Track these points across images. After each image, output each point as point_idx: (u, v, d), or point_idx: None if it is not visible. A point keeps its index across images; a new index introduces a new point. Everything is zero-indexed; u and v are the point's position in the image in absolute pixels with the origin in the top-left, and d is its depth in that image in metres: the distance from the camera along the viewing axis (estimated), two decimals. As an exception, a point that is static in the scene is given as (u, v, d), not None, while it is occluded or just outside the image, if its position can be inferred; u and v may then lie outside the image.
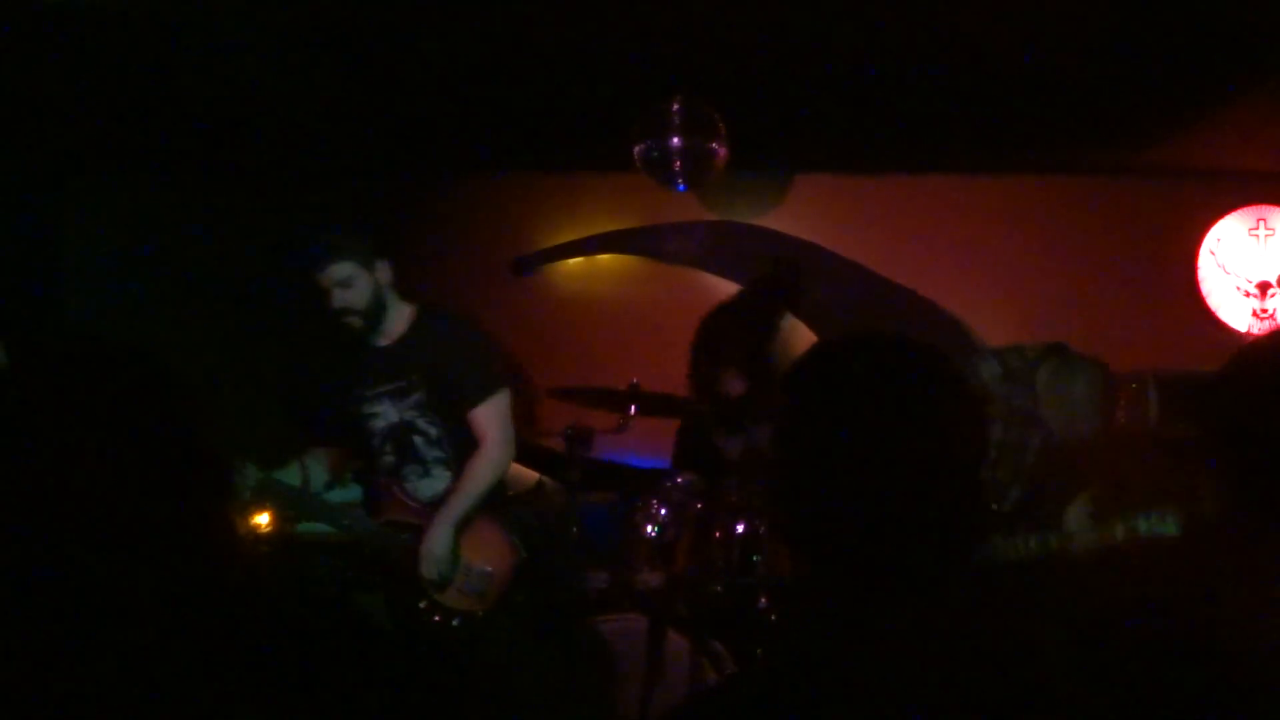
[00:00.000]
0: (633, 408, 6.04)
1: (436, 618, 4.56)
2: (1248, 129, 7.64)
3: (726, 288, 8.71)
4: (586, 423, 6.43)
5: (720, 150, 7.03)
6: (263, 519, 6.77)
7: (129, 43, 6.03)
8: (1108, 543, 4.73)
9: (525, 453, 5.18)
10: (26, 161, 7.98)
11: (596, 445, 6.48)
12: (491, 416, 4.70)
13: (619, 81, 6.75)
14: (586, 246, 8.76)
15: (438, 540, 4.57)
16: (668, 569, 5.53)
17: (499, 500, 4.85)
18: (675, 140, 6.97)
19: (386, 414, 4.68)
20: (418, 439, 4.67)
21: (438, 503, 4.66)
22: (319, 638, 1.73)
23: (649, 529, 5.61)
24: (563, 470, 6.15)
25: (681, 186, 7.28)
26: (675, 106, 6.92)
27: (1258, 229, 8.88)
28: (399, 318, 4.71)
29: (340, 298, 4.58)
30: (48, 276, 8.39)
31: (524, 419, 6.01)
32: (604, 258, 8.81)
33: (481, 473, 4.65)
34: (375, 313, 4.63)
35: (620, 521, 6.02)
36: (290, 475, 4.79)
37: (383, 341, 4.70)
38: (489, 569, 4.61)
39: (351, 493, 5.09)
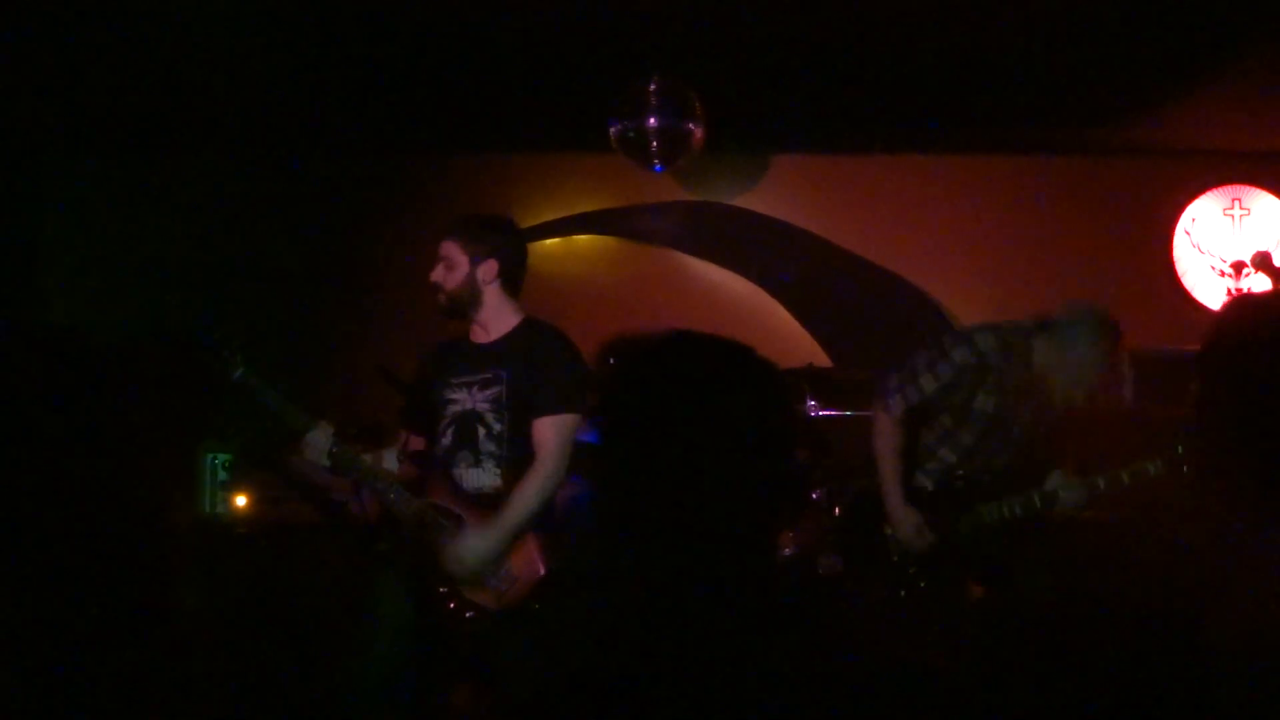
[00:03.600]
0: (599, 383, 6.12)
1: (452, 605, 4.67)
2: (1223, 108, 7.80)
3: (704, 269, 8.86)
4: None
5: (697, 131, 7.16)
6: (240, 501, 6.93)
7: (105, 21, 6.15)
8: (1093, 493, 4.93)
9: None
10: (3, 142, 8.09)
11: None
12: (551, 432, 4.70)
13: (595, 62, 6.86)
14: (563, 227, 8.88)
15: (474, 548, 4.63)
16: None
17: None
18: (652, 121, 7.11)
19: (463, 401, 4.78)
20: (481, 429, 4.73)
21: (483, 495, 4.74)
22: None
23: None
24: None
25: (658, 167, 7.41)
26: (652, 87, 7.06)
27: (1233, 209, 9.03)
28: (502, 320, 4.82)
29: (437, 272, 4.77)
30: (27, 257, 8.54)
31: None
32: (580, 238, 8.95)
33: (531, 490, 4.66)
34: (463, 300, 4.78)
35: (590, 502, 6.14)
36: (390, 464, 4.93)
37: (483, 339, 4.83)
38: (515, 573, 4.69)
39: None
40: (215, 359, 4.79)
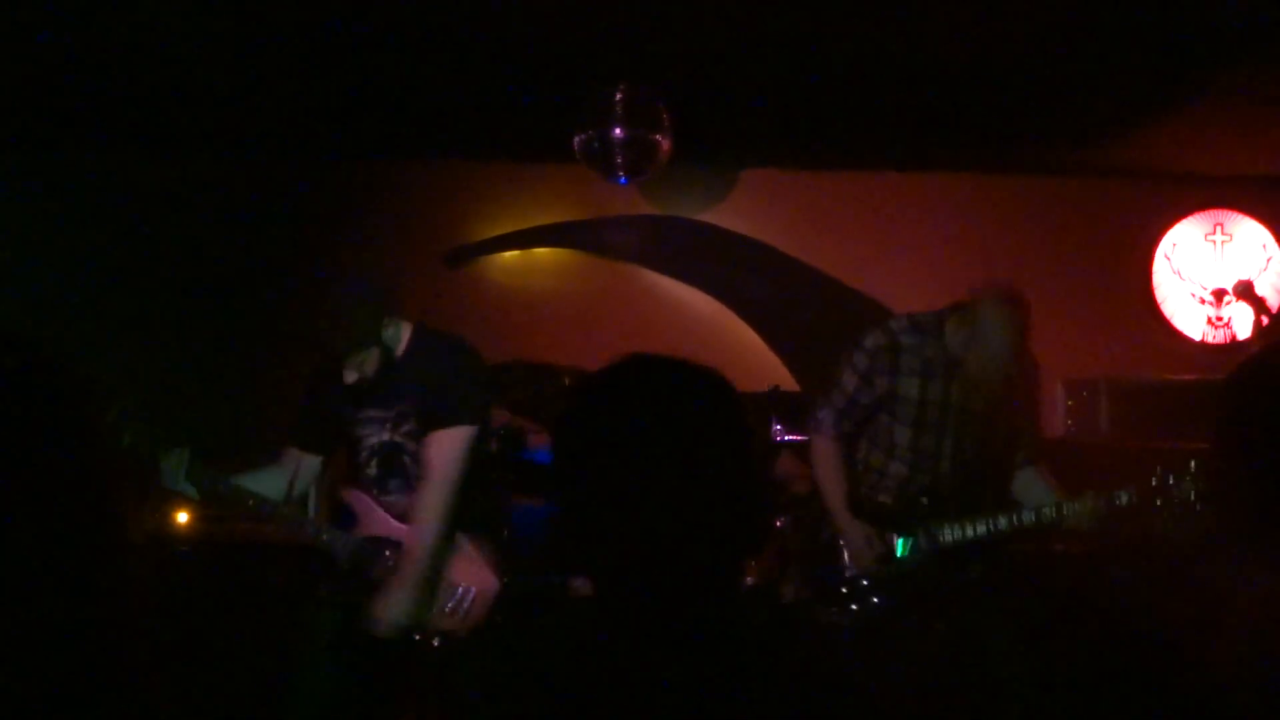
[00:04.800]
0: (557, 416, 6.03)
1: (417, 636, 4.55)
2: (1206, 130, 7.73)
3: (668, 285, 8.75)
4: (520, 422, 6.45)
5: (664, 142, 7.04)
6: (181, 517, 6.76)
7: (56, 11, 5.97)
8: (1112, 507, 4.78)
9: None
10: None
11: (530, 445, 6.50)
12: (447, 448, 4.58)
13: (560, 69, 6.72)
14: (523, 239, 8.74)
15: (397, 603, 4.49)
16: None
17: (486, 516, 4.82)
18: (617, 131, 6.98)
19: (378, 433, 4.69)
20: (406, 458, 4.67)
21: None
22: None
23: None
24: (495, 471, 6.15)
25: (623, 179, 7.28)
26: (618, 96, 6.93)
27: (1215, 234, 8.97)
28: (397, 342, 4.68)
29: (352, 375, 4.56)
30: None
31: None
32: (541, 251, 8.79)
33: (426, 511, 4.55)
34: (385, 366, 4.62)
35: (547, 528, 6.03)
36: (273, 485, 4.76)
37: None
38: (469, 589, 4.60)
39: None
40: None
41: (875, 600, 4.93)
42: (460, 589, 4.58)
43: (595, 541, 1.73)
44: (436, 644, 4.56)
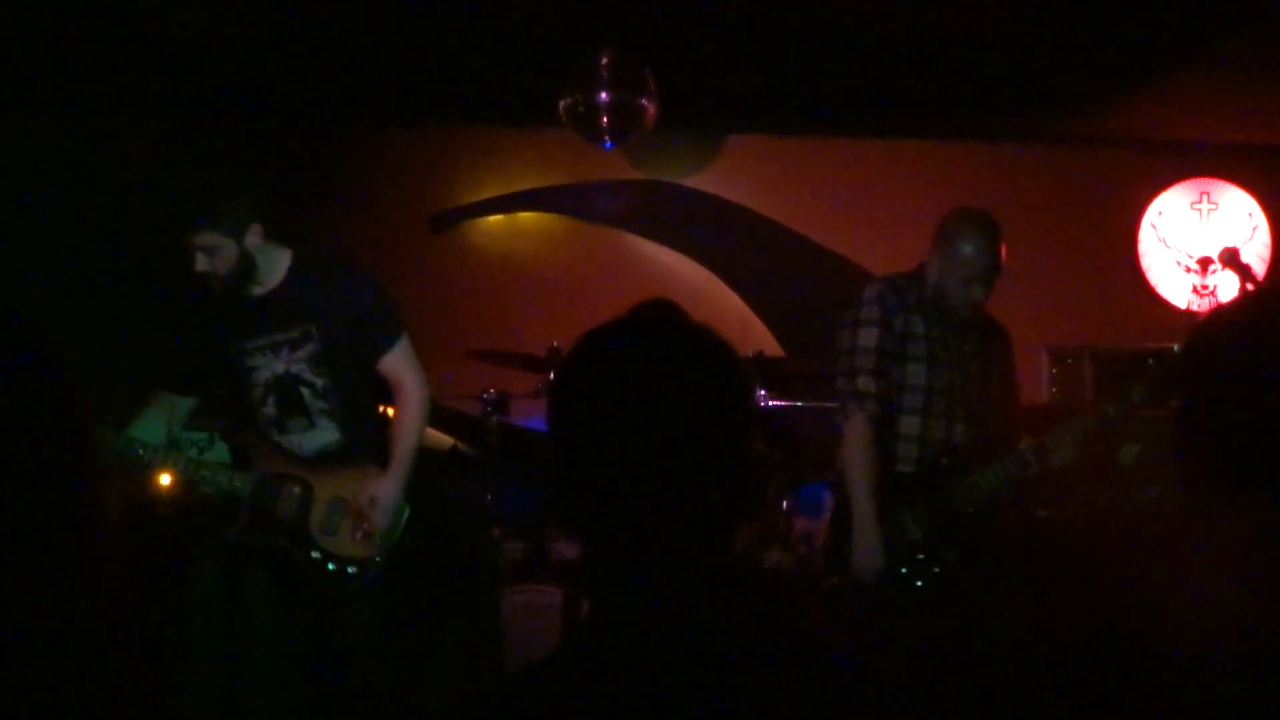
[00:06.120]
0: (552, 373, 6.06)
1: (331, 566, 4.59)
2: (1193, 99, 7.74)
3: (653, 250, 8.75)
4: (504, 387, 6.47)
5: (649, 107, 7.03)
6: (164, 480, 6.76)
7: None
8: (1084, 433, 4.80)
9: (440, 417, 5.19)
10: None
11: (513, 410, 6.52)
12: (404, 360, 4.80)
13: (545, 32, 6.72)
14: (507, 204, 8.74)
15: (392, 491, 4.65)
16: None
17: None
18: (603, 95, 6.96)
19: (271, 366, 4.65)
20: (305, 390, 4.65)
21: (325, 455, 4.67)
22: None
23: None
24: (478, 435, 6.18)
25: (608, 144, 7.28)
26: (604, 60, 6.92)
27: (1200, 203, 8.99)
28: (274, 267, 4.66)
29: (203, 263, 4.52)
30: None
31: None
32: (525, 216, 8.79)
33: (414, 418, 4.78)
34: (241, 275, 4.58)
35: (538, 490, 6.06)
36: (153, 432, 4.74)
37: (257, 291, 4.65)
38: (360, 507, 4.64)
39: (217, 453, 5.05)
40: None
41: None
42: (367, 514, 4.64)
43: (586, 502, 1.73)
44: (351, 571, 4.62)
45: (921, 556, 4.81)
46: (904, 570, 4.80)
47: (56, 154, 8.36)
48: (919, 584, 4.81)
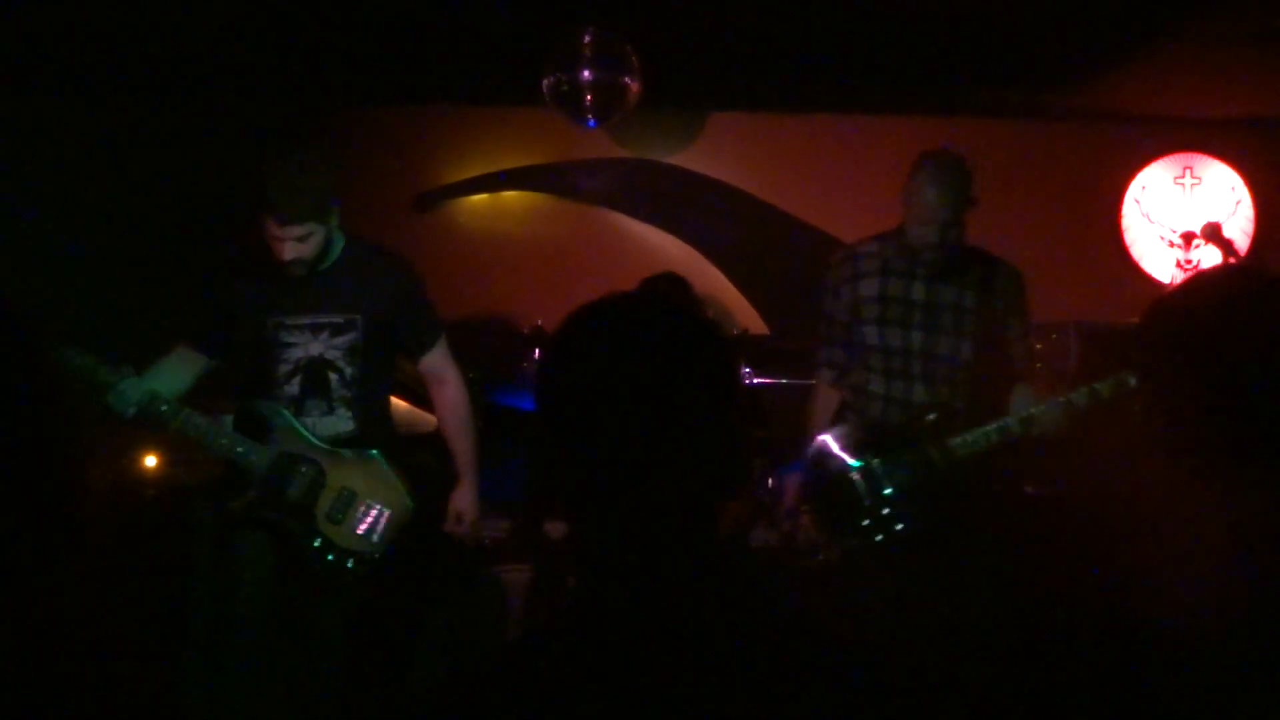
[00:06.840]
0: (536, 352, 6.07)
1: (330, 556, 4.60)
2: (1176, 74, 7.75)
3: (637, 228, 8.77)
4: (489, 366, 6.49)
5: (633, 85, 7.03)
6: (150, 461, 6.77)
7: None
8: (1071, 411, 4.82)
9: (425, 396, 5.19)
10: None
11: (498, 389, 6.54)
12: (446, 359, 4.91)
13: (528, 11, 6.71)
14: (492, 183, 8.76)
15: (474, 501, 4.83)
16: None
17: (398, 442, 4.89)
18: (586, 74, 6.96)
19: (307, 347, 4.62)
20: (333, 376, 4.64)
21: (336, 443, 4.66)
22: None
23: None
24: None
25: (592, 122, 7.28)
26: (586, 39, 6.91)
27: (1184, 177, 9.03)
28: (334, 249, 4.66)
29: (293, 250, 4.47)
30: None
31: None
32: (510, 194, 8.81)
33: (465, 417, 4.91)
34: (322, 258, 4.60)
35: (523, 470, 6.08)
36: (171, 385, 4.64)
37: (305, 270, 4.61)
38: (386, 510, 4.65)
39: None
40: None
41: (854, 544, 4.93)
42: (374, 509, 4.66)
43: (573, 479, 1.74)
44: (350, 565, 4.62)
45: (886, 510, 4.82)
46: (866, 522, 4.84)
47: (35, 133, 8.36)
48: (879, 538, 4.82)
